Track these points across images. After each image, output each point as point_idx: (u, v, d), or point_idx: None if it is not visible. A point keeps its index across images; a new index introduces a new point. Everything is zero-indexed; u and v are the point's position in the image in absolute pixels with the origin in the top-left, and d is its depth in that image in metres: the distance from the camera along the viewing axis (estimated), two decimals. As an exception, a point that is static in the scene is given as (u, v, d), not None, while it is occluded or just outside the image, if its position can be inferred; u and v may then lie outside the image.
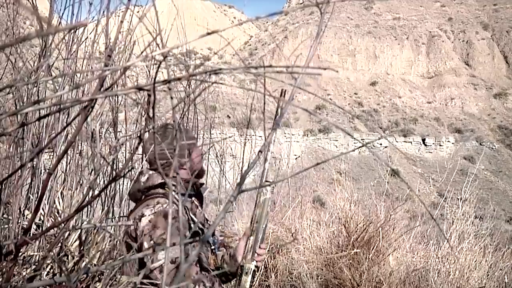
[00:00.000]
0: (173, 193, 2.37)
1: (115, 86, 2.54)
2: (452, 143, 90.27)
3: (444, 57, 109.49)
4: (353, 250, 4.81)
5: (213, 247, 2.89)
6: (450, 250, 5.17)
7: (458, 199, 5.89)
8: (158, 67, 0.83)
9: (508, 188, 78.48)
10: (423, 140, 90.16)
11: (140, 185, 2.67)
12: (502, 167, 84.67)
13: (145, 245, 2.39)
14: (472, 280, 4.98)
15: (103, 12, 2.07)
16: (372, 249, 4.84)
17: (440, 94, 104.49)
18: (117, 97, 2.94)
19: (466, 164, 68.71)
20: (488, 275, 5.19)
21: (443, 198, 6.07)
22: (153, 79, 0.81)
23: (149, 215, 2.48)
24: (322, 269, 4.99)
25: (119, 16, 1.09)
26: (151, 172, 2.73)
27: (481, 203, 6.31)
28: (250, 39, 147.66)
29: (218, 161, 5.62)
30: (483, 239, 5.52)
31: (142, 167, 2.97)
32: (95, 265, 2.31)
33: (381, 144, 79.84)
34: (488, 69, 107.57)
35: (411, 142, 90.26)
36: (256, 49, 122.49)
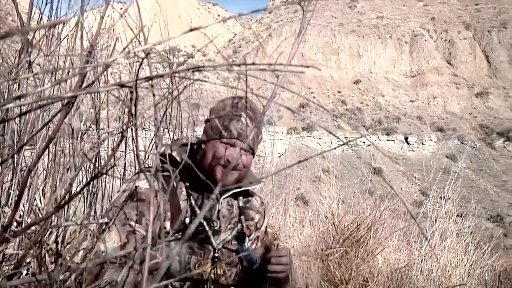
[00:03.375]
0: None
1: (97, 82, 2.53)
2: (434, 142, 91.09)
3: (427, 56, 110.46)
4: (342, 248, 4.83)
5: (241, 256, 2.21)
6: (432, 248, 5.22)
7: (440, 197, 5.95)
8: (141, 64, 0.83)
9: (489, 187, 79.40)
10: (406, 138, 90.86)
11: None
12: (483, 166, 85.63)
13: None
14: (453, 278, 5.03)
15: (83, 7, 2.06)
16: (362, 248, 4.87)
17: (423, 92, 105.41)
18: (99, 94, 2.92)
19: (448, 163, 69.24)
20: (469, 273, 5.25)
21: (426, 196, 6.12)
22: (135, 76, 0.80)
23: (118, 193, 2.08)
24: (311, 265, 5.01)
25: (100, 12, 1.08)
26: (179, 140, 2.33)
27: (462, 201, 6.38)
28: (234, 36, 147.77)
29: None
30: (465, 238, 5.57)
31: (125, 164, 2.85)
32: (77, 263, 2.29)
33: (364, 142, 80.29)
34: (470, 68, 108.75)
35: (393, 141, 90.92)
36: (240, 47, 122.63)
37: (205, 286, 2.09)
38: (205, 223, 2.10)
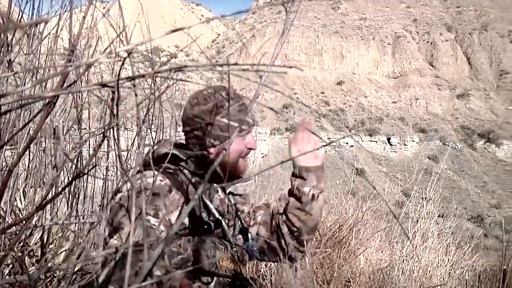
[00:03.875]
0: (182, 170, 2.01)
1: (79, 82, 2.51)
2: (417, 143, 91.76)
3: (409, 58, 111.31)
4: (325, 249, 4.84)
5: (244, 247, 2.10)
6: (414, 249, 5.25)
7: (422, 198, 5.99)
8: (122, 63, 0.82)
9: (470, 187, 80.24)
10: (388, 139, 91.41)
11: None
12: (465, 167, 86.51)
13: (105, 232, 1.74)
14: (434, 278, 5.07)
15: (66, 6, 2.04)
16: (344, 248, 4.89)
17: (405, 94, 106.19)
18: (81, 94, 2.90)
19: (430, 164, 69.83)
20: (449, 273, 5.29)
21: (408, 197, 6.16)
22: (117, 76, 0.80)
23: (125, 192, 1.81)
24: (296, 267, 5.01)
25: (83, 12, 1.07)
26: (169, 140, 2.14)
27: (444, 202, 6.43)
28: (217, 37, 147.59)
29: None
30: (446, 238, 5.62)
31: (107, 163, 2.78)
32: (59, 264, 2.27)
33: (347, 143, 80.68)
34: (451, 70, 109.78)
35: (376, 142, 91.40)
36: (223, 47, 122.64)
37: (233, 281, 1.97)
38: (221, 218, 1.97)
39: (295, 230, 2.20)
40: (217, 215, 1.95)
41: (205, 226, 1.91)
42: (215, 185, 2.10)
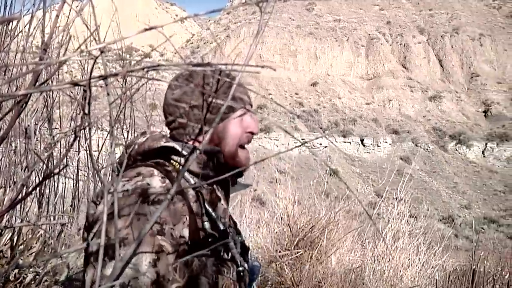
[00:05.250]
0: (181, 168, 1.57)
1: (51, 81, 2.48)
2: (389, 144, 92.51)
3: (383, 59, 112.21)
4: (296, 250, 4.85)
5: (247, 277, 1.70)
6: (386, 249, 5.30)
7: (394, 198, 6.05)
8: (94, 62, 0.82)
9: (441, 188, 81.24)
10: (362, 140, 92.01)
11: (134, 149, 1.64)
12: (436, 168, 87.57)
13: (93, 246, 1.34)
14: (405, 278, 5.13)
15: (39, 4, 2.02)
16: (316, 249, 4.90)
17: (378, 95, 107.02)
18: (53, 93, 2.87)
19: (402, 165, 70.39)
20: (420, 273, 5.36)
21: (381, 198, 6.21)
22: (88, 74, 0.79)
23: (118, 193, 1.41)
24: (265, 267, 5.02)
25: (55, 10, 1.06)
26: (156, 132, 1.69)
27: (415, 202, 6.50)
28: (192, 37, 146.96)
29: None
30: (417, 238, 5.69)
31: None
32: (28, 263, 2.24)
33: (321, 144, 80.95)
34: (424, 72, 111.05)
35: (350, 142, 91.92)
36: (198, 48, 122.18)
37: None
38: (227, 230, 1.62)
39: None
40: (222, 226, 1.58)
41: (209, 239, 1.52)
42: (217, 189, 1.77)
